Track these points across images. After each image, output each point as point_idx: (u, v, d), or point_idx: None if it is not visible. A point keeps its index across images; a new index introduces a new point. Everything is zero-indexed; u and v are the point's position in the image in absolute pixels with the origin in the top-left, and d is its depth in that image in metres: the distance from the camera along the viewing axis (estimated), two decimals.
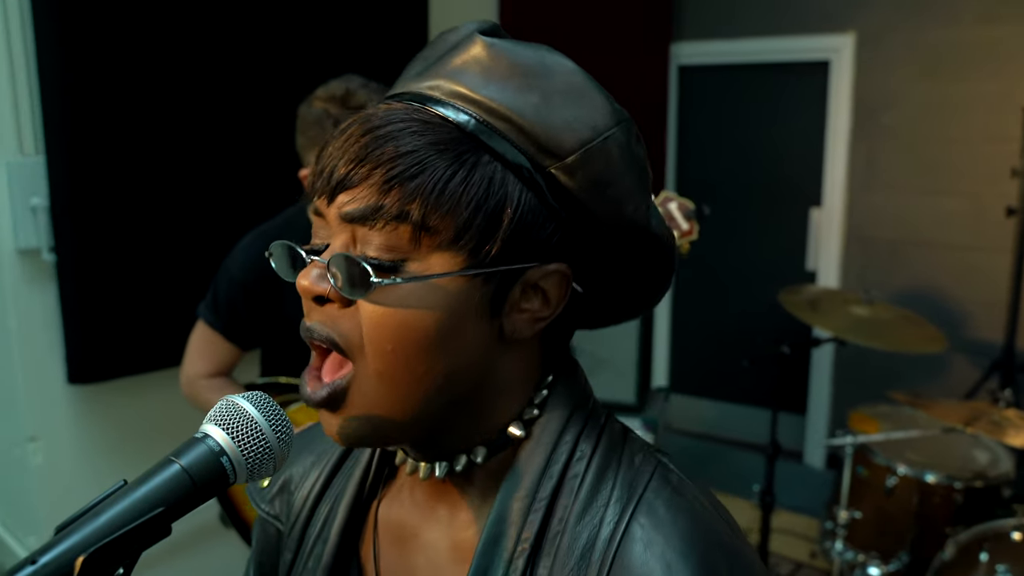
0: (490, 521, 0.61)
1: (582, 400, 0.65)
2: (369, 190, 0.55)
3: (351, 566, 0.70)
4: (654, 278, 0.66)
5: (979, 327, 3.63)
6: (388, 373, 0.57)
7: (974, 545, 2.29)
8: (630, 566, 0.56)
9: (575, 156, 0.57)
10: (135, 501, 0.51)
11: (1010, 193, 3.29)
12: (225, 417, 0.55)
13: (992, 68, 3.50)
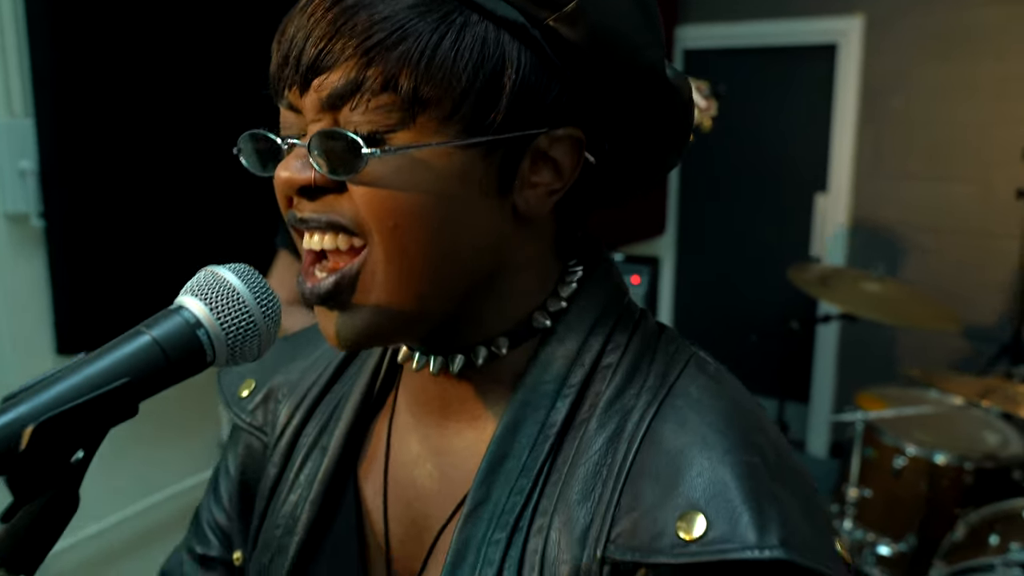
0: (512, 409, 0.56)
1: (617, 295, 0.61)
2: (346, 66, 0.49)
3: (347, 482, 0.65)
4: (672, 136, 0.60)
5: (988, 312, 3.58)
6: (398, 255, 0.51)
7: (984, 526, 2.24)
8: (660, 443, 0.52)
9: (574, 3, 0.51)
10: (97, 371, 0.45)
11: (1020, 176, 3.27)
12: (204, 288, 0.50)
13: (1001, 50, 3.47)
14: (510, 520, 0.54)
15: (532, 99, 0.52)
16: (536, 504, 0.54)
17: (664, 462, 0.52)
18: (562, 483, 0.54)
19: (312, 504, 0.64)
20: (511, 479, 0.55)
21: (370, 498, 0.65)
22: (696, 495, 0.49)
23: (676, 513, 0.49)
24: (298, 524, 0.64)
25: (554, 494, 0.54)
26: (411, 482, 0.63)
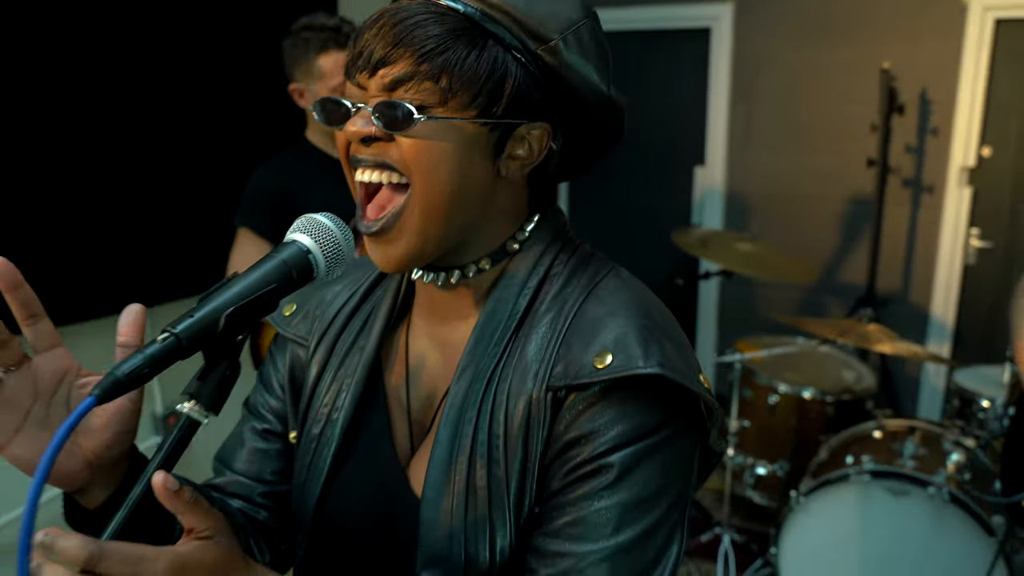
0: (489, 303, 0.81)
1: (562, 231, 0.86)
2: (405, 63, 0.72)
3: (378, 372, 0.89)
4: (611, 135, 0.86)
5: (846, 270, 4.06)
6: (426, 192, 0.75)
7: (843, 448, 2.65)
8: (585, 315, 0.78)
9: (555, 41, 0.76)
10: (255, 280, 0.67)
11: (869, 148, 3.70)
12: (309, 228, 0.72)
13: (853, 35, 3.89)
14: (486, 375, 0.78)
15: (522, 100, 0.76)
16: (503, 363, 0.79)
17: (587, 325, 0.77)
18: (520, 349, 0.79)
19: (356, 386, 0.87)
20: (487, 350, 0.79)
21: (393, 382, 0.88)
22: (607, 342, 0.75)
23: (593, 354, 0.74)
24: (345, 402, 0.87)
25: (514, 356, 0.79)
26: (424, 367, 0.87)
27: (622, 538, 0.72)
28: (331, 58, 2.04)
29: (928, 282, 3.90)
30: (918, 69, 3.74)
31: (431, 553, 0.76)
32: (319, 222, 0.73)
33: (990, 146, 3.74)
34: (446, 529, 0.76)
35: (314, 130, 2.20)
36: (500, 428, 0.76)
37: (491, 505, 0.75)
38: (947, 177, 3.80)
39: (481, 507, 0.75)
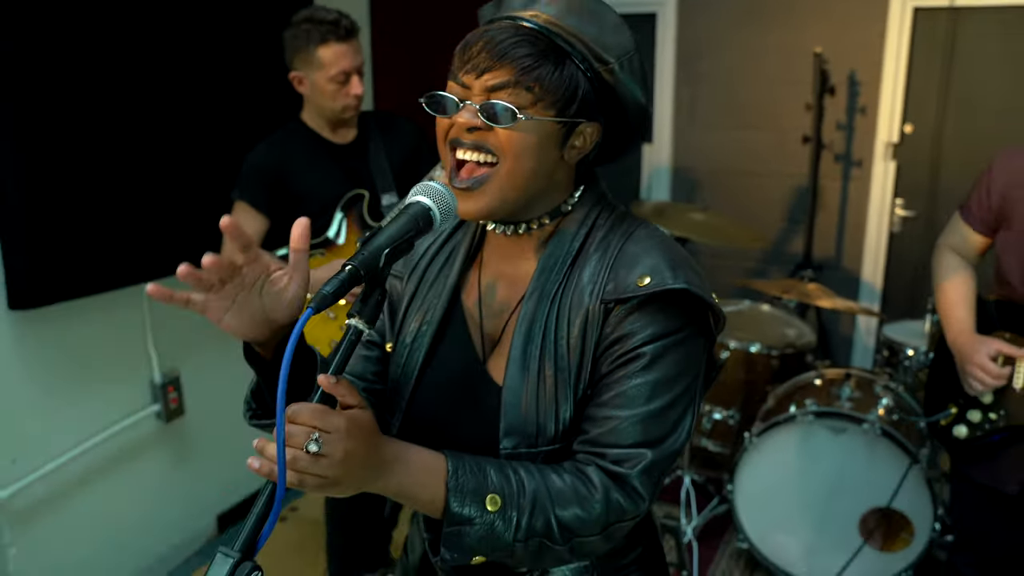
0: (549, 247, 1.08)
1: (602, 196, 1.13)
2: (506, 72, 0.98)
3: (457, 297, 1.16)
4: (640, 137, 1.14)
5: (785, 239, 4.43)
6: (512, 171, 1.01)
7: (787, 396, 3.00)
8: (625, 252, 1.05)
9: (613, 64, 1.03)
10: (397, 229, 0.92)
11: (804, 125, 4.06)
12: (426, 192, 0.98)
13: (788, 21, 4.23)
14: (550, 296, 1.05)
15: (587, 106, 1.03)
16: (562, 288, 1.05)
17: (629, 259, 1.04)
18: (576, 278, 1.05)
19: (441, 307, 1.13)
20: (550, 278, 1.06)
21: (469, 305, 1.14)
22: (645, 269, 1.01)
23: (635, 277, 1.01)
24: (432, 317, 1.13)
25: (571, 283, 1.05)
26: (493, 294, 1.13)
27: (652, 407, 1.00)
28: (331, 50, 2.24)
29: (859, 248, 4.30)
30: (847, 53, 4.11)
31: (511, 426, 1.03)
32: (434, 188, 0.99)
33: (911, 123, 4.14)
34: (523, 408, 1.03)
35: (310, 113, 2.40)
36: (564, 332, 1.03)
37: (557, 389, 1.03)
38: (874, 152, 4.19)
39: (549, 391, 1.03)
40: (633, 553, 1.19)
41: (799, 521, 2.84)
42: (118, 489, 2.88)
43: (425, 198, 0.98)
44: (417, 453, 0.97)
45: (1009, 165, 1.86)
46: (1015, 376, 1.84)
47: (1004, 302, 1.91)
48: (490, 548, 0.98)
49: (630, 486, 1.00)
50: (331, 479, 0.86)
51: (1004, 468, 1.90)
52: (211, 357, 3.15)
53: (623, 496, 1.00)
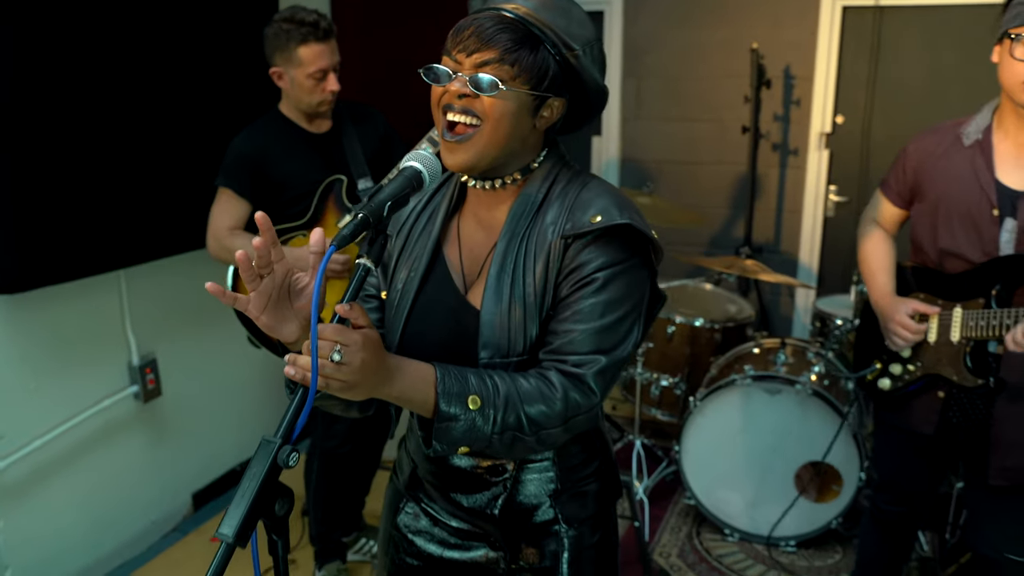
0: (520, 197, 1.31)
1: (562, 157, 1.36)
2: (491, 52, 1.20)
3: (439, 247, 1.38)
4: (597, 108, 1.37)
5: (728, 224, 4.73)
6: (493, 132, 1.23)
7: (729, 365, 3.28)
8: (581, 198, 1.28)
9: (579, 50, 1.26)
10: (395, 187, 1.14)
11: (743, 117, 4.36)
12: (417, 158, 1.20)
13: (726, 18, 4.52)
14: (519, 236, 1.28)
15: (555, 84, 1.26)
16: (529, 230, 1.28)
17: (583, 203, 1.27)
18: (540, 222, 1.28)
19: (427, 255, 1.35)
20: (519, 223, 1.29)
21: (451, 252, 1.37)
22: (597, 210, 1.25)
23: (589, 216, 1.24)
24: (420, 264, 1.35)
25: (536, 226, 1.28)
26: (472, 239, 1.35)
27: (604, 321, 1.24)
28: (310, 49, 2.43)
29: (796, 232, 4.61)
30: (781, 49, 4.42)
31: (487, 341, 1.26)
32: (423, 155, 1.21)
33: (843, 114, 4.46)
34: (497, 327, 1.26)
35: (288, 105, 2.59)
36: (531, 265, 1.27)
37: (525, 311, 1.26)
38: (808, 141, 4.50)
39: (518, 313, 1.26)
40: (592, 466, 1.43)
41: (740, 477, 3.12)
42: (99, 467, 3.02)
43: (416, 163, 1.20)
44: (413, 364, 1.20)
45: (921, 145, 2.14)
46: (929, 331, 2.12)
47: (919, 267, 2.19)
48: (472, 440, 1.20)
49: (586, 385, 1.24)
50: (349, 383, 1.08)
51: (920, 413, 2.17)
52: (187, 340, 3.31)
53: (579, 394, 1.24)
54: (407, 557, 1.50)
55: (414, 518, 1.50)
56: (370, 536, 3.06)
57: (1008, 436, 2.01)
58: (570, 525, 1.40)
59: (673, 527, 3.28)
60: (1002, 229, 1.95)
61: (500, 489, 1.37)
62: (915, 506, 2.36)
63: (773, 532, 3.08)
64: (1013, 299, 1.94)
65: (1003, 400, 2.01)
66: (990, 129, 1.99)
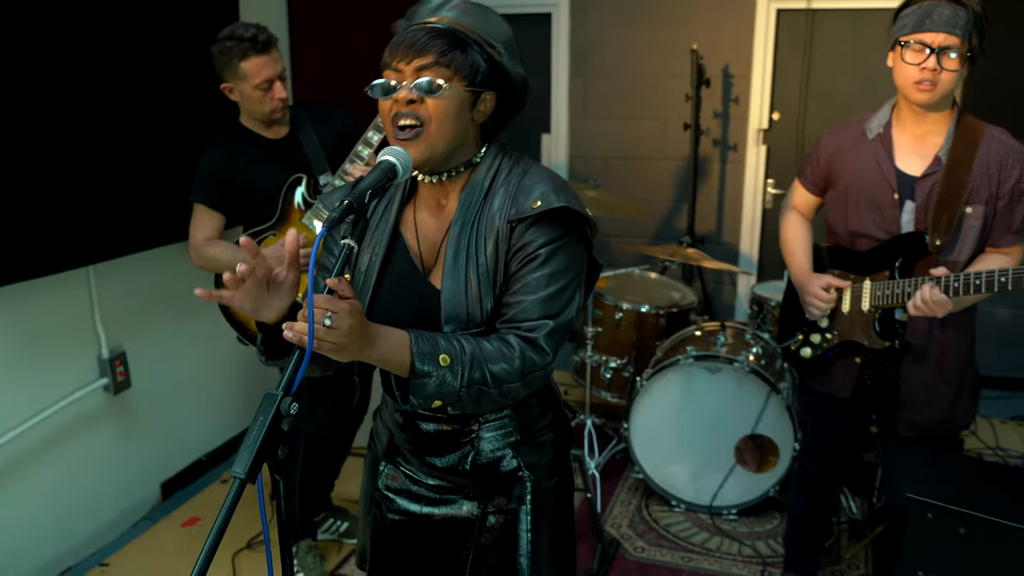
0: (467, 188, 1.52)
1: (503, 148, 1.57)
2: (428, 57, 1.40)
3: (397, 233, 1.58)
4: (522, 102, 1.58)
5: (672, 217, 5.01)
6: (439, 128, 1.43)
7: (673, 347, 3.54)
8: (523, 185, 1.49)
9: (501, 47, 1.47)
10: (373, 178, 1.35)
11: (685, 114, 4.64)
12: (391, 153, 1.41)
13: (668, 21, 4.81)
14: (471, 222, 1.48)
15: (486, 79, 1.47)
16: (478, 216, 1.48)
17: (524, 190, 1.47)
18: (488, 208, 1.48)
19: (385, 240, 1.55)
20: (468, 210, 1.49)
21: (407, 237, 1.56)
22: (538, 195, 1.45)
23: (531, 202, 1.45)
24: (380, 250, 1.55)
25: (484, 212, 1.48)
26: (426, 227, 1.56)
27: (549, 291, 1.46)
28: (251, 62, 2.60)
29: (736, 223, 4.91)
30: (720, 49, 4.71)
31: (449, 316, 1.47)
32: (397, 151, 1.42)
33: (778, 112, 4.78)
34: (456, 303, 1.47)
35: (246, 116, 2.77)
36: (483, 247, 1.48)
37: (480, 288, 1.47)
38: (747, 137, 4.81)
39: (474, 290, 1.47)
40: (547, 418, 1.66)
41: (685, 452, 3.39)
42: (70, 458, 3.16)
43: (391, 157, 1.42)
44: (390, 330, 1.40)
45: (832, 139, 2.42)
46: (843, 302, 2.39)
47: (833, 247, 2.46)
48: (443, 394, 1.41)
49: (539, 346, 1.46)
50: (338, 344, 1.28)
51: (838, 378, 2.45)
52: (155, 334, 3.47)
53: (534, 353, 1.46)
54: (389, 514, 1.70)
55: (393, 479, 1.70)
56: (338, 517, 3.26)
57: (914, 393, 2.30)
58: (531, 471, 1.61)
59: (623, 500, 3.54)
60: (902, 210, 2.23)
61: (469, 447, 1.59)
62: (838, 465, 2.64)
63: (715, 502, 3.35)
64: (914, 270, 2.23)
65: (908, 361, 2.30)
66: (890, 124, 2.27)
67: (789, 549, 2.85)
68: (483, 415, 1.58)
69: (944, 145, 2.18)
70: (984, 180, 2.15)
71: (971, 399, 2.38)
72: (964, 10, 2.04)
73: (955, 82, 2.10)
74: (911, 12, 2.10)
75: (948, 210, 2.16)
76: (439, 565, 1.67)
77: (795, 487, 2.80)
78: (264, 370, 4.11)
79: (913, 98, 2.14)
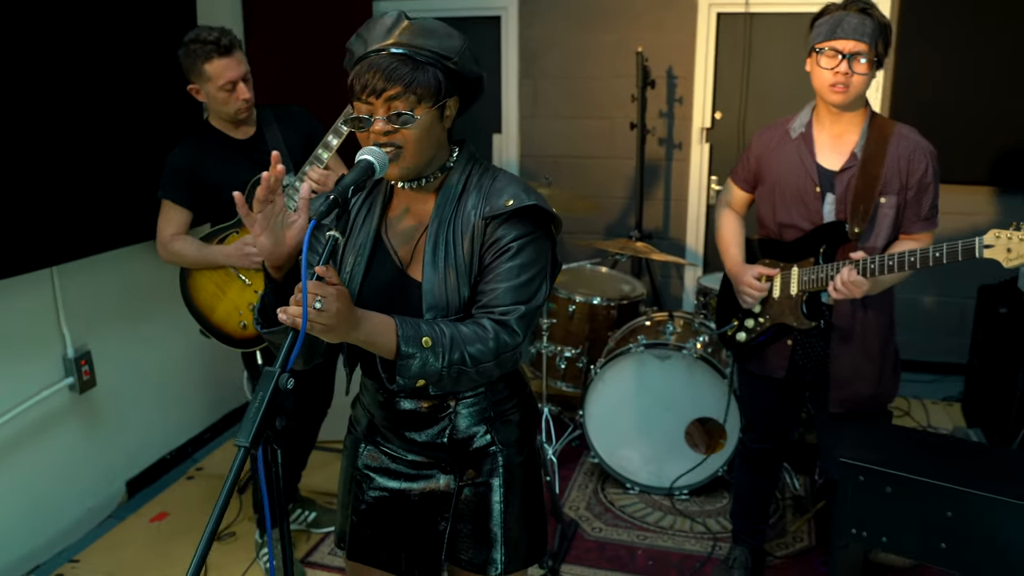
0: (442, 191, 1.69)
1: (473, 154, 1.75)
2: (396, 87, 1.56)
3: (379, 233, 1.76)
4: (480, 92, 1.75)
5: (622, 214, 5.25)
6: (416, 148, 1.60)
7: (624, 337, 3.76)
8: (494, 187, 1.67)
9: (456, 58, 1.63)
10: (354, 176, 1.50)
11: (631, 114, 4.86)
12: (369, 153, 1.59)
13: (614, 24, 5.01)
14: (447, 221, 1.66)
15: (447, 88, 1.64)
16: (454, 215, 1.66)
17: (496, 191, 1.65)
18: (463, 209, 1.67)
19: (369, 241, 1.71)
20: (444, 210, 1.67)
21: (390, 237, 1.73)
22: (510, 195, 1.64)
23: (503, 201, 1.63)
24: (365, 251, 1.71)
25: (460, 212, 1.67)
26: (405, 227, 1.73)
27: (520, 279, 1.64)
28: (215, 65, 2.74)
29: (682, 219, 5.16)
30: (664, 51, 4.95)
31: (430, 305, 1.64)
32: (374, 151, 1.60)
33: (720, 111, 5.04)
34: (436, 293, 1.64)
35: (215, 117, 2.91)
36: (459, 242, 1.65)
37: (457, 279, 1.65)
38: (691, 136, 5.06)
39: (452, 281, 1.65)
40: (514, 400, 1.84)
41: (638, 436, 3.61)
42: (37, 457, 3.26)
43: (369, 156, 1.60)
44: (376, 315, 1.57)
45: (760, 140, 2.66)
46: (773, 288, 2.63)
47: (763, 239, 2.69)
48: (426, 374, 1.58)
49: (511, 328, 1.64)
50: (327, 325, 1.44)
51: (772, 360, 2.68)
52: (118, 334, 3.58)
53: (507, 334, 1.64)
54: (370, 491, 1.86)
55: (373, 459, 1.87)
56: (305, 507, 3.42)
57: (842, 371, 2.55)
58: (502, 447, 1.80)
59: (580, 484, 3.75)
60: (824, 202, 2.47)
61: (446, 423, 1.76)
62: (778, 442, 2.88)
63: (666, 483, 3.59)
64: (836, 255, 2.47)
65: (836, 342, 2.54)
66: (810, 124, 2.51)
67: (736, 522, 3.09)
68: (459, 394, 1.76)
69: (859, 142, 2.43)
70: (895, 173, 2.41)
71: (893, 375, 2.63)
72: (871, 20, 2.29)
73: (866, 84, 2.35)
74: (824, 21, 2.35)
75: (864, 200, 2.41)
76: (419, 536, 1.84)
77: (739, 464, 3.03)
78: (225, 370, 4.25)
79: (829, 99, 2.39)
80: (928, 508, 1.90)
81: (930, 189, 2.43)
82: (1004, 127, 4.49)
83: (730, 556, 3.05)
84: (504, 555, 1.82)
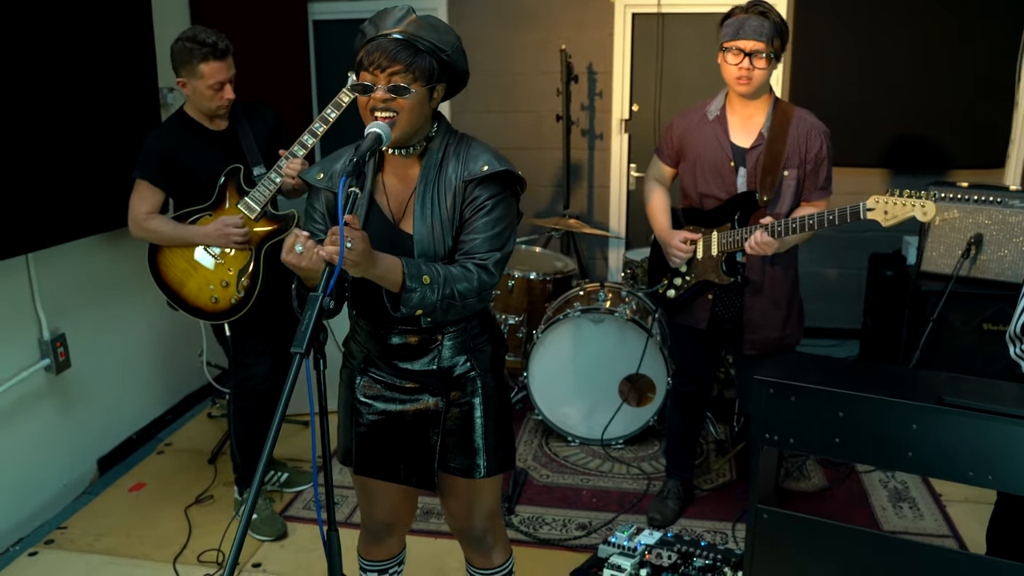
0: (426, 157, 2.09)
1: (449, 127, 2.14)
2: (398, 66, 1.95)
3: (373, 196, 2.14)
4: (464, 84, 2.16)
5: (551, 201, 5.69)
6: (409, 117, 1.98)
7: (560, 307, 4.21)
8: (470, 154, 2.08)
9: (450, 51, 2.04)
10: (367, 144, 1.88)
11: (557, 107, 5.29)
12: (376, 128, 1.97)
13: (538, 23, 5.43)
14: (432, 183, 2.05)
15: (439, 76, 2.04)
16: (438, 178, 2.06)
17: (473, 157, 2.06)
18: (444, 173, 2.06)
19: (365, 204, 2.08)
20: (429, 174, 2.06)
21: (381, 199, 2.11)
22: (484, 162, 2.04)
23: (479, 166, 2.04)
24: (362, 211, 2.08)
25: (442, 175, 2.06)
26: (396, 189, 2.11)
27: (495, 231, 2.05)
28: (210, 66, 3.06)
29: (605, 203, 5.64)
30: (585, 49, 5.41)
31: (420, 252, 2.03)
32: (381, 124, 1.99)
33: (638, 104, 5.54)
34: (425, 243, 2.03)
35: (191, 107, 3.21)
36: (443, 200, 2.05)
37: (443, 232, 2.04)
38: (611, 127, 5.53)
39: (438, 233, 2.04)
40: (487, 334, 2.24)
41: (577, 394, 4.07)
42: (15, 437, 3.47)
43: (377, 129, 1.97)
44: (389, 256, 1.94)
45: (682, 121, 3.14)
46: (697, 250, 3.12)
47: (687, 208, 3.18)
48: (424, 305, 1.97)
49: (489, 270, 2.04)
50: (354, 261, 1.81)
51: (696, 312, 3.17)
52: (92, 317, 3.86)
53: (486, 275, 2.04)
54: (369, 416, 2.23)
55: (369, 389, 2.23)
56: (277, 469, 3.77)
57: (754, 319, 3.06)
58: (479, 371, 2.20)
59: (526, 440, 4.19)
60: (737, 175, 2.98)
61: (435, 353, 2.15)
62: (703, 384, 3.38)
63: (604, 435, 4.06)
64: (749, 221, 2.98)
65: (749, 294, 3.05)
66: (724, 108, 3.02)
67: (670, 458, 3.57)
68: (444, 329, 2.15)
69: (765, 123, 2.94)
70: (796, 149, 2.93)
71: (799, 321, 3.16)
72: (768, 21, 2.79)
73: (766, 76, 2.85)
74: (730, 23, 2.85)
75: (771, 173, 2.93)
76: (414, 449, 2.23)
77: (671, 407, 3.52)
78: (186, 353, 4.52)
79: (736, 90, 2.89)
80: (824, 411, 2.32)
81: (825, 163, 2.96)
82: (894, 115, 5.12)
83: (664, 488, 3.54)
84: (486, 461, 2.23)
